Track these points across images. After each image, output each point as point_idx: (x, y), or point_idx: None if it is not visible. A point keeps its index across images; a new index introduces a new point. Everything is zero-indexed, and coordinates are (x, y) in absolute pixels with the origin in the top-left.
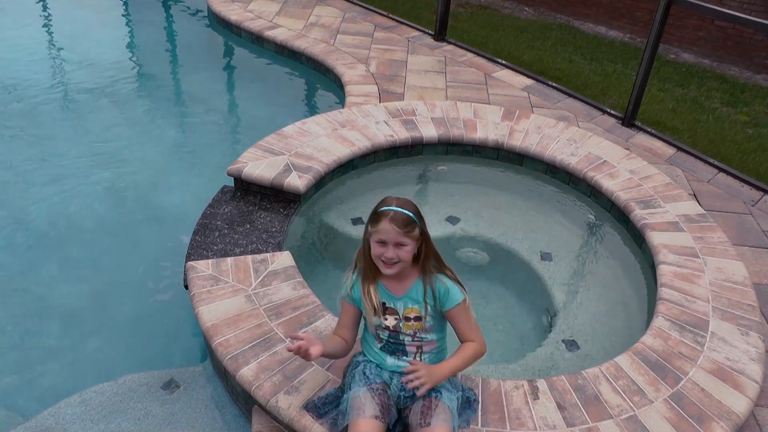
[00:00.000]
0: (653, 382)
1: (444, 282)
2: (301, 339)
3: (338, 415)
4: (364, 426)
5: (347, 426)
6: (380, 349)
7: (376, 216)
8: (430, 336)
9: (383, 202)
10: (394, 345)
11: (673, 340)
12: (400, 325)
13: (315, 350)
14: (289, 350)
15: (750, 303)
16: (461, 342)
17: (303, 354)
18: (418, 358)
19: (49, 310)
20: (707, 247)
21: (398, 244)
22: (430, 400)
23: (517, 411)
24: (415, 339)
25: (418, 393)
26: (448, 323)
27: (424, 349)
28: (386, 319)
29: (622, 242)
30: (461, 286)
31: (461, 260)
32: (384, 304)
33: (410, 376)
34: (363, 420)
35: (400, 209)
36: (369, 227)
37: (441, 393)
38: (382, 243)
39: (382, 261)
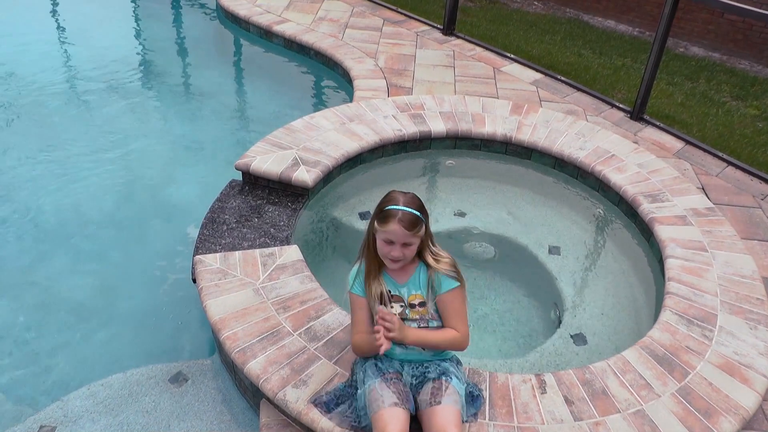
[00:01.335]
0: (661, 377)
1: (441, 268)
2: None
3: (353, 412)
4: (387, 415)
5: (371, 422)
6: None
7: (383, 215)
8: (436, 323)
9: (390, 199)
10: None
11: (680, 335)
12: (407, 312)
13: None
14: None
15: (759, 297)
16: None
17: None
18: (425, 347)
19: (57, 304)
20: (715, 241)
21: (405, 244)
22: (440, 383)
23: (525, 405)
24: (421, 326)
25: (378, 341)
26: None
27: None
28: (392, 307)
29: (629, 236)
30: (458, 274)
31: (469, 254)
32: (389, 291)
33: (383, 322)
34: (384, 410)
35: (408, 209)
36: (376, 224)
37: (451, 378)
38: (389, 242)
39: (389, 258)
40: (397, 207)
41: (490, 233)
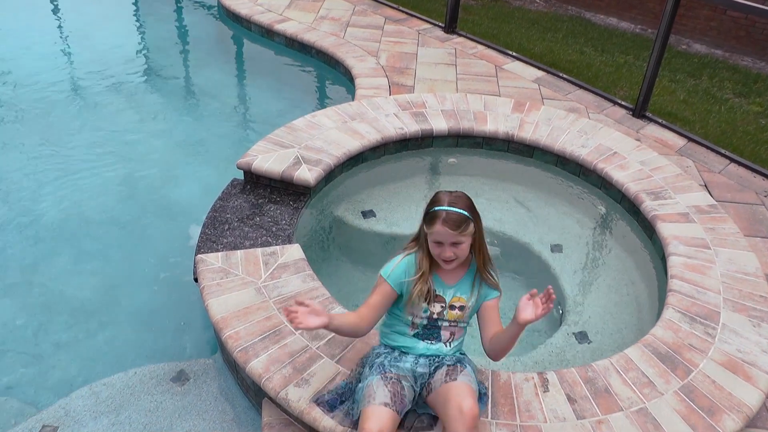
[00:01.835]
0: (663, 375)
1: (491, 275)
2: (306, 307)
3: (352, 405)
4: (371, 412)
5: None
6: (413, 335)
7: (429, 216)
8: (463, 324)
9: (436, 200)
10: (429, 331)
11: (683, 332)
12: (444, 313)
13: (314, 321)
14: (285, 310)
15: (762, 294)
16: (486, 335)
17: (296, 322)
18: (449, 345)
19: (59, 303)
20: (718, 238)
21: (454, 243)
22: (455, 366)
23: (527, 403)
24: (451, 326)
25: (546, 305)
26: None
27: (456, 335)
28: (433, 306)
29: (632, 233)
30: (498, 282)
31: None
32: (434, 291)
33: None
34: (371, 407)
35: (453, 209)
36: (424, 227)
37: (466, 365)
38: (439, 244)
39: (442, 259)
40: (441, 208)
41: (492, 231)
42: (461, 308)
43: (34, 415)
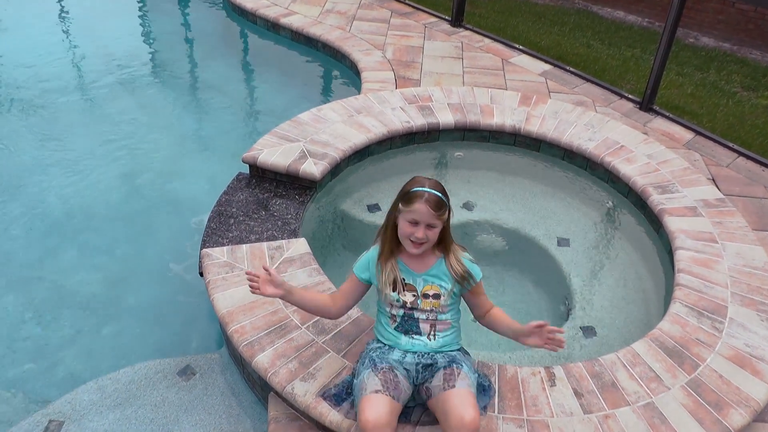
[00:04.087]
0: (671, 369)
1: (466, 261)
2: (268, 274)
3: (352, 402)
4: (366, 402)
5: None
6: (395, 329)
7: (409, 196)
8: (444, 316)
9: (415, 182)
10: (408, 323)
11: (690, 327)
12: (418, 302)
13: (270, 290)
14: (246, 273)
15: None
16: (479, 315)
17: (253, 286)
18: (432, 338)
19: (65, 298)
20: (726, 232)
21: (429, 226)
22: (451, 369)
23: (534, 398)
24: (430, 317)
25: (552, 344)
26: (464, 304)
27: (438, 328)
28: (404, 295)
29: (639, 227)
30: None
31: (478, 246)
32: (403, 279)
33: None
34: (364, 398)
35: (433, 191)
36: (400, 206)
37: (462, 365)
38: (414, 223)
39: (411, 240)
40: (423, 188)
41: (498, 225)
42: (435, 296)
43: (40, 410)
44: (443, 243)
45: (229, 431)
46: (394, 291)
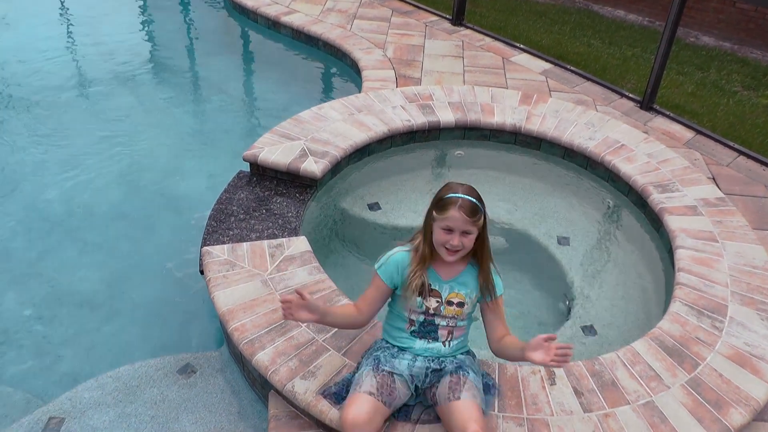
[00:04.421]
0: (670, 368)
1: (492, 271)
2: (302, 299)
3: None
4: (353, 400)
5: None
6: (411, 333)
7: (442, 203)
8: (462, 323)
9: (448, 188)
10: (427, 329)
11: (690, 326)
12: (441, 308)
13: (304, 317)
14: (281, 300)
15: None
16: (495, 338)
17: (286, 312)
18: (448, 343)
19: (65, 295)
20: (726, 231)
21: (464, 232)
22: (457, 377)
23: (534, 396)
24: (450, 324)
25: (557, 360)
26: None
27: (455, 334)
28: (428, 301)
29: (639, 226)
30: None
31: None
32: (429, 285)
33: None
34: (354, 394)
35: (468, 197)
36: (434, 213)
37: (468, 372)
38: (449, 230)
39: (446, 248)
40: (456, 195)
41: (499, 224)
42: (460, 304)
43: (40, 407)
44: (480, 251)
45: (230, 429)
46: (420, 297)
